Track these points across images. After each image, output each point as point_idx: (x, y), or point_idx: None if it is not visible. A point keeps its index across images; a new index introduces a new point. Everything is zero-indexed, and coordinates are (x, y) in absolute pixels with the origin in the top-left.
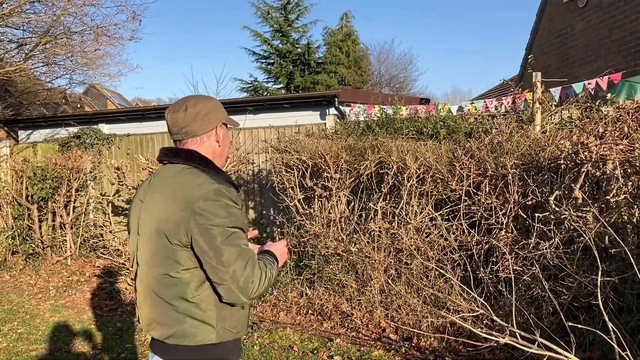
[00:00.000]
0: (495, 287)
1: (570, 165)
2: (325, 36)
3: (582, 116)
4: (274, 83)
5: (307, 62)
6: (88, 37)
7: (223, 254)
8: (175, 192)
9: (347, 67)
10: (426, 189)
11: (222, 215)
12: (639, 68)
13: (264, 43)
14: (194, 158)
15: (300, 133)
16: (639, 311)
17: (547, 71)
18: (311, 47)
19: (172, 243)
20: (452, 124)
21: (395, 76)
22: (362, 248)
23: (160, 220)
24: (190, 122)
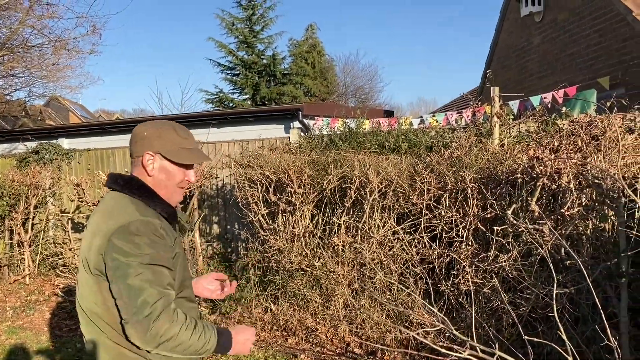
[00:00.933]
0: (456, 299)
1: (526, 179)
2: (291, 47)
3: (539, 129)
4: (239, 94)
5: (272, 73)
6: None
7: (133, 291)
8: (102, 221)
9: (312, 78)
10: (388, 202)
11: (138, 251)
12: (592, 82)
13: (229, 54)
14: (130, 186)
15: (264, 147)
16: (594, 321)
17: (507, 84)
18: (277, 59)
19: (93, 273)
20: (413, 138)
21: (361, 87)
22: (326, 263)
23: (88, 252)
24: (131, 141)
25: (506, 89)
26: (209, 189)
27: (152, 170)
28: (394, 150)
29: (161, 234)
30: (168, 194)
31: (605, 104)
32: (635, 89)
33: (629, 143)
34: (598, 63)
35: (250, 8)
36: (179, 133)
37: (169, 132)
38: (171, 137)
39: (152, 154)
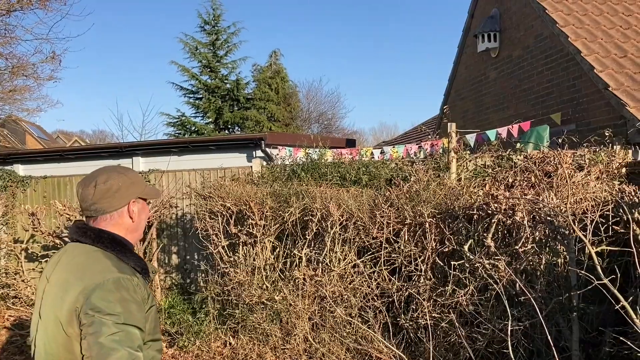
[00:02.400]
0: (415, 333)
1: (482, 215)
2: (255, 73)
3: (494, 164)
4: (202, 118)
5: (236, 98)
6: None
7: (104, 350)
8: (74, 278)
9: (276, 103)
10: (349, 235)
11: (115, 311)
12: (545, 117)
13: (192, 78)
14: (101, 239)
15: (225, 177)
16: (547, 355)
17: (465, 115)
18: (240, 83)
19: (66, 333)
20: (373, 170)
21: (324, 113)
22: (287, 296)
23: (57, 307)
24: (100, 198)
25: (464, 120)
26: (169, 219)
27: (135, 214)
28: (355, 182)
29: (137, 292)
30: (137, 236)
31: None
32: (585, 125)
33: (578, 180)
34: (550, 99)
35: (214, 33)
36: (137, 172)
37: (134, 174)
38: (138, 177)
39: (135, 200)
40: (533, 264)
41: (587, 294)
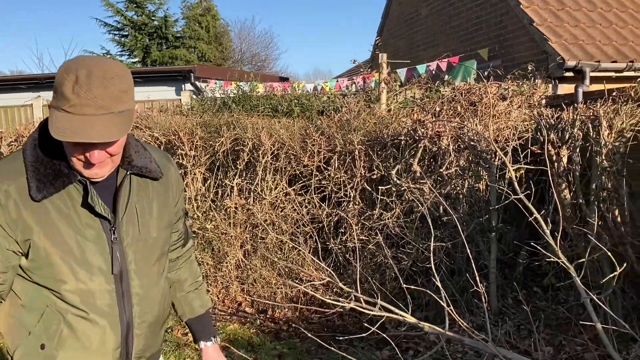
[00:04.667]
0: (344, 256)
1: (409, 141)
2: (184, 10)
3: (424, 96)
4: (128, 56)
5: (164, 36)
6: None
7: None
8: None
9: (207, 42)
10: (280, 165)
11: None
12: (473, 53)
13: (117, 14)
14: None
15: (153, 109)
16: (468, 272)
17: (397, 54)
18: (169, 21)
19: None
20: (306, 102)
21: (257, 54)
22: (218, 225)
23: None
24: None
25: (396, 57)
26: None
27: None
28: (287, 114)
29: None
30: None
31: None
32: (510, 60)
33: (501, 109)
34: (479, 35)
35: None
36: None
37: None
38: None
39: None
40: (456, 187)
41: (506, 218)
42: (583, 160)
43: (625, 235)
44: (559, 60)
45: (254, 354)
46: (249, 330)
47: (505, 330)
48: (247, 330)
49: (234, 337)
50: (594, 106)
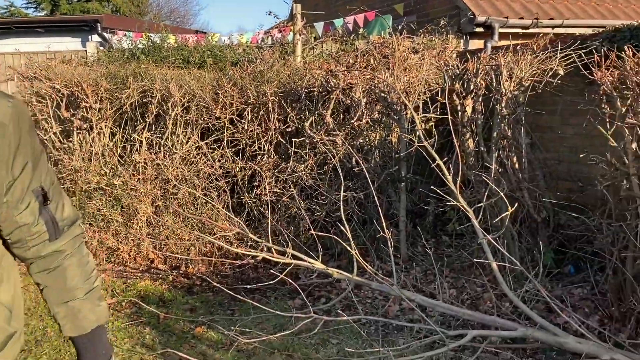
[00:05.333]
0: (259, 210)
1: (322, 93)
2: None
3: (339, 50)
4: (35, 9)
5: None
6: None
7: None
8: None
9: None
10: (191, 117)
11: None
12: (389, 8)
13: None
14: None
15: (56, 59)
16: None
17: (316, 9)
18: None
19: None
20: (219, 54)
21: (175, 9)
22: (127, 181)
23: None
24: None
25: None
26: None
27: None
28: (199, 65)
29: None
30: None
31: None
32: (425, 16)
33: (413, 63)
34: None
35: None
36: None
37: None
38: None
39: None
40: (369, 139)
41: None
42: (486, 110)
43: (522, 181)
44: (470, 15)
45: (165, 309)
46: (161, 287)
47: (413, 276)
48: (159, 286)
49: (145, 293)
50: (496, 57)
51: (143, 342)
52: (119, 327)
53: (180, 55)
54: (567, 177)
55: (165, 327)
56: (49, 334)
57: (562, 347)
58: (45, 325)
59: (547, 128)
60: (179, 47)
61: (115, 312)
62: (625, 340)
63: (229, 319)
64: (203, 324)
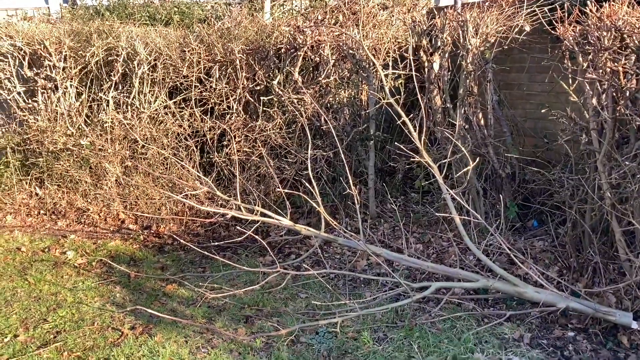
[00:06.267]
0: (229, 170)
1: (290, 50)
2: None
3: (309, 6)
4: None
5: None
6: None
7: None
8: None
9: None
10: (158, 76)
11: None
12: None
13: None
14: None
15: (17, 16)
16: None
17: None
18: None
19: None
20: (186, 10)
21: None
22: (94, 141)
23: None
24: None
25: None
26: None
27: None
28: (166, 22)
29: None
30: None
31: None
32: None
33: (383, 19)
34: None
35: None
36: None
37: None
38: None
39: None
40: (337, 97)
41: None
42: (453, 67)
43: (488, 137)
44: None
45: (136, 268)
46: (132, 246)
47: (382, 232)
48: (129, 246)
49: (116, 253)
50: (463, 12)
51: (113, 301)
52: (89, 286)
53: (146, 12)
54: (533, 134)
55: (136, 286)
56: (18, 294)
57: (522, 297)
58: (15, 286)
59: (515, 85)
60: (144, 4)
61: (85, 272)
62: (582, 289)
63: (199, 276)
64: (174, 281)
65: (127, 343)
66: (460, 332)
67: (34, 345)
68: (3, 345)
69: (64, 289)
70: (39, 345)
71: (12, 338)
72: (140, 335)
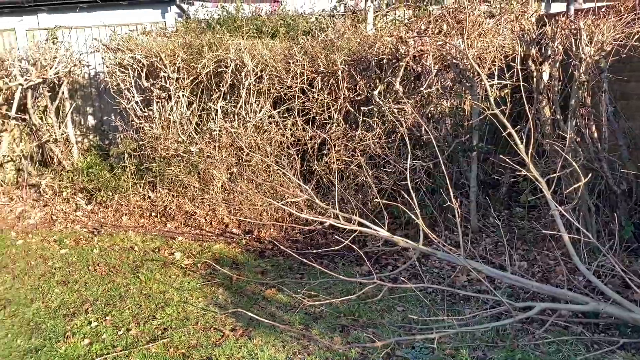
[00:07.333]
0: (327, 178)
1: (392, 60)
2: None
3: (412, 16)
4: None
5: None
6: None
7: None
8: None
9: None
10: (264, 86)
11: None
12: None
13: None
14: None
15: (136, 31)
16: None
17: None
18: None
19: None
20: (291, 23)
21: None
22: (203, 148)
23: None
24: None
25: None
26: (81, 78)
27: None
28: (272, 35)
29: None
30: None
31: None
32: None
33: (489, 27)
34: None
35: None
36: None
37: None
38: None
39: None
40: (439, 107)
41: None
42: (564, 76)
43: (601, 151)
44: None
45: (238, 271)
46: (235, 250)
47: (483, 247)
48: (232, 249)
49: (220, 255)
50: (576, 19)
51: (216, 302)
52: (194, 286)
53: (253, 25)
54: None
55: (237, 289)
56: (131, 290)
57: (637, 324)
58: (128, 283)
59: (634, 96)
60: (252, 17)
61: (191, 272)
62: None
63: (297, 282)
64: (273, 286)
65: (228, 344)
66: (566, 357)
67: (144, 340)
68: (117, 338)
69: (171, 288)
70: (148, 340)
71: (125, 331)
72: (240, 337)
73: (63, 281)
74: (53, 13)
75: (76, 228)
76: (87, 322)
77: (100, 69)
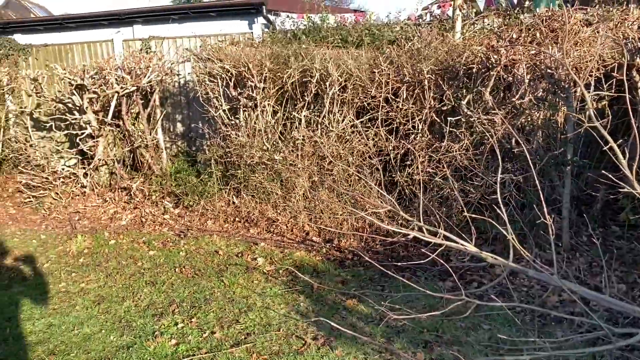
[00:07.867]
0: (410, 189)
1: (482, 69)
2: None
3: (502, 24)
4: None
5: None
6: None
7: None
8: None
9: None
10: (348, 96)
11: None
12: None
13: None
14: None
15: (225, 42)
16: (539, 207)
17: None
18: None
19: None
20: (376, 32)
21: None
22: (287, 156)
23: None
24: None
25: None
26: (171, 87)
27: None
28: (357, 45)
29: None
30: None
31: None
32: None
33: (585, 36)
34: None
35: None
36: None
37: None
38: None
39: None
40: (530, 118)
41: (585, 153)
42: None
43: None
44: None
45: (319, 279)
46: (315, 258)
47: (576, 267)
48: (313, 257)
49: (301, 263)
50: None
51: (297, 309)
52: (276, 293)
53: (338, 35)
54: None
55: (318, 297)
56: (215, 293)
57: None
58: (212, 286)
59: None
60: (337, 27)
61: (273, 278)
62: None
63: (378, 294)
64: (354, 296)
65: (310, 353)
66: None
67: (228, 344)
68: (202, 340)
69: (254, 293)
70: (232, 344)
71: (209, 334)
72: (322, 346)
73: (151, 281)
74: (147, 24)
75: (164, 230)
76: (174, 323)
77: (189, 78)
